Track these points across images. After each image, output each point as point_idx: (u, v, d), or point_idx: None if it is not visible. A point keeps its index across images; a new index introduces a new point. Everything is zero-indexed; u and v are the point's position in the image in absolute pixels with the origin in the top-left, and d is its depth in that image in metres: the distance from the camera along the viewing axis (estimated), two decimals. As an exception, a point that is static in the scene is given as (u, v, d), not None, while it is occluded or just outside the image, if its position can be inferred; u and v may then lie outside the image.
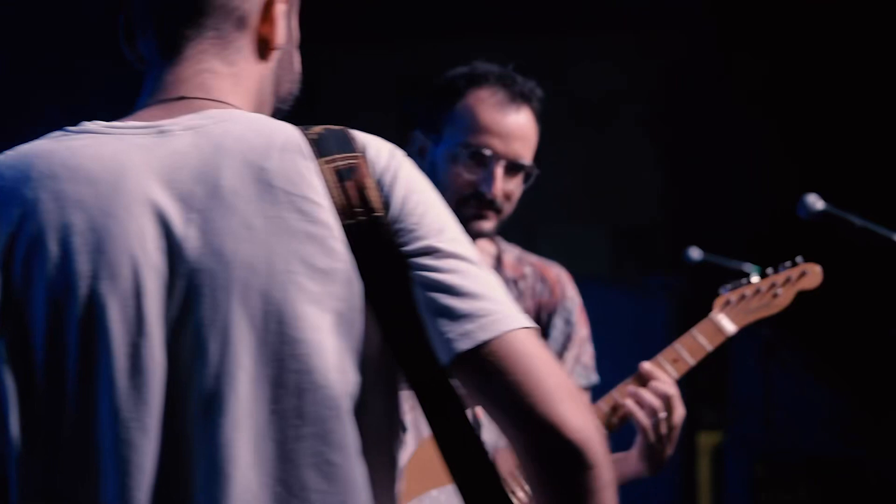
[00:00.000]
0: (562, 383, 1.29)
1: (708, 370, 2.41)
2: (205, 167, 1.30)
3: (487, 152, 2.29)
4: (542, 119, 2.39)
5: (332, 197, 1.30)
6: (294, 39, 1.49)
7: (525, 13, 5.45)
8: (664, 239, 5.62)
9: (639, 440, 2.34)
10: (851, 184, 4.15)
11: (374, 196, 1.31)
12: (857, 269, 3.92)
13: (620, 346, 5.95)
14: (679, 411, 2.31)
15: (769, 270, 2.50)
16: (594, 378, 3.40)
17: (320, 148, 1.32)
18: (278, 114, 1.47)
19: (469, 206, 2.30)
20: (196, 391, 1.26)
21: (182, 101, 1.37)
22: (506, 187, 2.32)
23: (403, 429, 1.38)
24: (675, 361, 2.39)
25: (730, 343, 2.47)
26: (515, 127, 2.32)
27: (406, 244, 1.31)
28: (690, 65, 5.59)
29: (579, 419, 1.27)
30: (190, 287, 1.27)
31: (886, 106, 4.90)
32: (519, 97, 2.33)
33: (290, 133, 1.33)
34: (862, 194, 3.77)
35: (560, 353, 3.38)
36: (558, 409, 1.26)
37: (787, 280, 2.48)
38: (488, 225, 2.33)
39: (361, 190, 1.31)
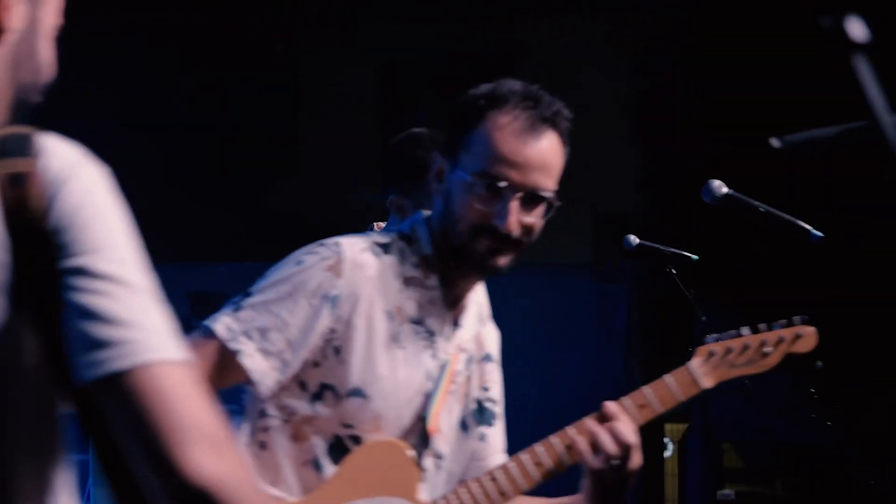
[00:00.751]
0: (197, 424, 1.22)
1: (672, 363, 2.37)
2: None
3: (503, 184, 2.11)
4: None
5: (2, 202, 1.23)
6: (43, 27, 1.38)
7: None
8: (636, 224, 5.70)
9: (586, 483, 2.17)
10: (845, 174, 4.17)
11: (37, 206, 1.24)
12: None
13: (584, 332, 6.03)
14: (636, 461, 2.14)
15: (762, 326, 2.33)
16: None
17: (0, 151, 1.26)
18: (24, 104, 1.39)
19: (483, 240, 2.13)
20: None
21: None
22: (524, 220, 2.13)
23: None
24: (642, 407, 2.21)
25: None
26: (535, 156, 2.12)
27: (61, 260, 1.24)
28: (665, 48, 5.64)
29: (210, 464, 1.21)
30: None
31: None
32: (541, 122, 2.14)
33: None
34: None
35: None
36: (188, 451, 1.20)
37: (780, 341, 2.31)
38: (503, 260, 2.15)
39: (27, 198, 1.23)
